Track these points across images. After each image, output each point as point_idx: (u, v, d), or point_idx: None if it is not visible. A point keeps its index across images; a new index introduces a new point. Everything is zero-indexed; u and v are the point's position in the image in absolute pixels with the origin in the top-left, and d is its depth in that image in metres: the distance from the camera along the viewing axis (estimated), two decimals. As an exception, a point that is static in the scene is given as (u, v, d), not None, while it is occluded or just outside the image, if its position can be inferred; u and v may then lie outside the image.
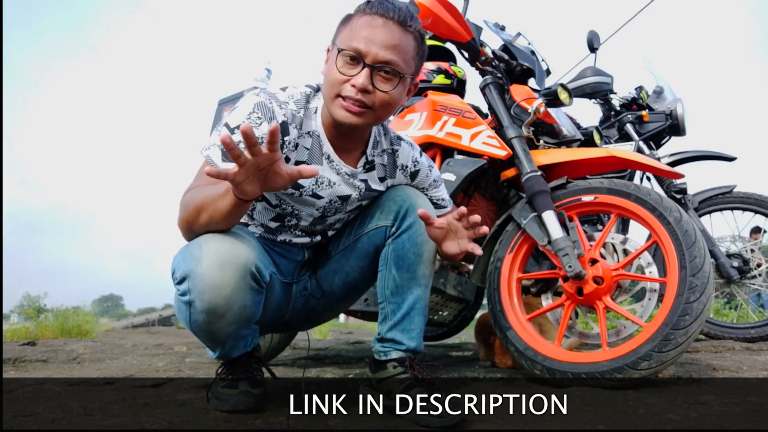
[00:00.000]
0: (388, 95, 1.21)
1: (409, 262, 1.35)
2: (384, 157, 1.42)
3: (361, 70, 1.18)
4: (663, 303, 1.43)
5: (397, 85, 1.22)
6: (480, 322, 2.17)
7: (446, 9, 1.77)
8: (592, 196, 1.65)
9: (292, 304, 1.45)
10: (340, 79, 1.19)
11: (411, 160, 1.45)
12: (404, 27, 1.21)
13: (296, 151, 1.29)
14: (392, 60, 1.19)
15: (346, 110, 1.20)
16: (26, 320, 7.63)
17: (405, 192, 1.40)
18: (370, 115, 1.22)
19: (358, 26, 1.20)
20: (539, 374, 1.56)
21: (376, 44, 1.18)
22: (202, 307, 1.13)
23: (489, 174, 1.97)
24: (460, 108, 1.99)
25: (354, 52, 1.18)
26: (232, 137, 0.98)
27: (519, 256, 1.73)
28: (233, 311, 1.15)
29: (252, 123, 1.17)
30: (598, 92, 3.12)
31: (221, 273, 1.10)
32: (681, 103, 3.10)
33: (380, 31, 1.18)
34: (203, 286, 1.11)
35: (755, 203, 2.79)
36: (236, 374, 1.30)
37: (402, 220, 1.36)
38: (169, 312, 34.22)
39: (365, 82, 1.18)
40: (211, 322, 1.15)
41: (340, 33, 1.24)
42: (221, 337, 1.22)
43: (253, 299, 1.19)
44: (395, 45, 1.19)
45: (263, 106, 1.20)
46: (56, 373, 1.97)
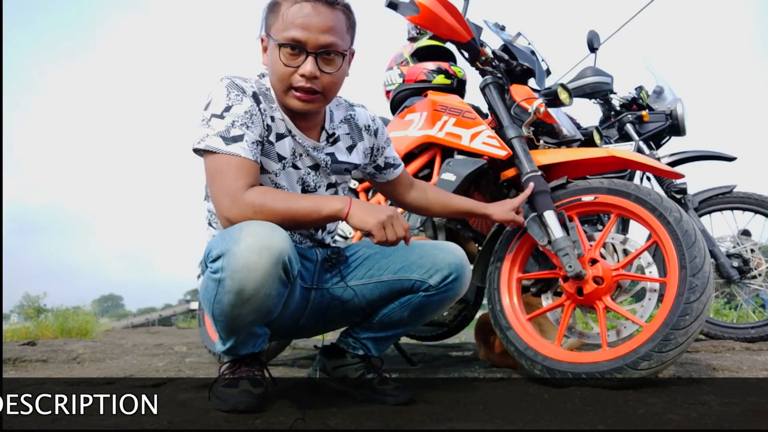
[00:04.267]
0: (334, 75, 1.28)
1: (425, 314, 1.46)
2: (344, 126, 1.47)
3: (306, 59, 1.24)
4: (663, 303, 1.43)
5: (342, 64, 1.29)
6: (480, 322, 2.17)
7: (446, 9, 1.77)
8: (592, 196, 1.65)
9: (308, 310, 1.46)
10: (287, 71, 1.25)
11: (369, 120, 1.52)
12: (332, 6, 1.25)
13: (275, 123, 1.34)
14: (331, 42, 1.25)
15: (298, 99, 1.27)
16: (26, 320, 7.63)
17: (456, 256, 1.42)
18: (321, 98, 1.30)
19: (289, 16, 1.23)
20: (539, 374, 1.56)
21: (313, 31, 1.22)
22: (232, 286, 1.15)
23: (489, 174, 1.97)
24: (460, 108, 1.99)
25: (293, 41, 1.22)
26: (226, 121, 1.21)
27: (519, 256, 1.73)
28: (258, 298, 1.17)
29: (234, 102, 1.25)
30: (598, 92, 3.11)
31: (257, 256, 1.13)
32: (681, 103, 3.09)
33: (312, 17, 1.23)
34: (237, 265, 1.13)
35: (755, 203, 2.79)
36: (238, 373, 1.30)
37: (445, 286, 1.40)
38: (169, 312, 34.18)
39: (312, 69, 1.24)
40: (235, 304, 1.17)
41: (272, 24, 1.27)
42: (238, 326, 1.24)
43: (278, 291, 1.21)
44: (330, 27, 1.24)
45: (233, 85, 1.27)
46: (56, 373, 1.97)
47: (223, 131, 1.23)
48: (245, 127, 1.25)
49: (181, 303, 40.77)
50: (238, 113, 1.25)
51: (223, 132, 1.23)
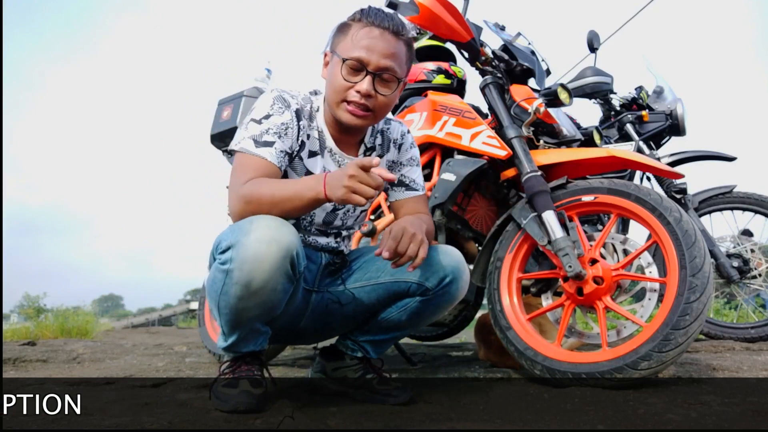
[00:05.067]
0: (387, 98, 1.36)
1: (423, 318, 1.45)
2: (378, 137, 1.53)
3: (364, 77, 1.32)
4: (663, 303, 1.43)
5: (396, 89, 1.37)
6: (480, 322, 2.17)
7: (446, 9, 1.77)
8: (592, 196, 1.65)
9: (309, 312, 1.48)
10: (345, 85, 1.33)
11: (399, 134, 1.56)
12: (398, 36, 1.35)
13: (309, 141, 1.42)
14: (390, 66, 1.33)
15: (351, 114, 1.35)
16: (26, 320, 7.63)
17: (453, 259, 1.41)
18: (371, 117, 1.38)
19: (357, 37, 1.33)
20: (539, 374, 1.56)
21: (376, 53, 1.31)
22: (240, 278, 1.17)
23: (489, 174, 1.97)
24: (460, 108, 1.99)
25: (357, 61, 1.31)
26: (262, 126, 1.32)
27: (519, 256, 1.73)
28: (265, 291, 1.19)
29: (275, 112, 1.36)
30: (598, 92, 3.11)
31: (267, 248, 1.16)
32: (681, 103, 3.09)
33: (378, 41, 1.32)
34: (246, 256, 1.16)
35: (755, 203, 2.79)
36: (238, 372, 1.31)
37: (442, 288, 1.39)
38: (169, 312, 34.18)
39: (369, 88, 1.32)
40: (242, 297, 1.19)
41: (340, 42, 1.36)
42: (242, 320, 1.25)
43: (284, 286, 1.23)
44: (392, 53, 1.33)
45: (280, 98, 1.38)
46: (56, 373, 1.97)
47: (256, 135, 1.33)
48: (278, 136, 1.34)
49: (181, 303, 40.78)
50: (275, 123, 1.35)
51: (256, 136, 1.33)
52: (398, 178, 1.54)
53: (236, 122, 2.32)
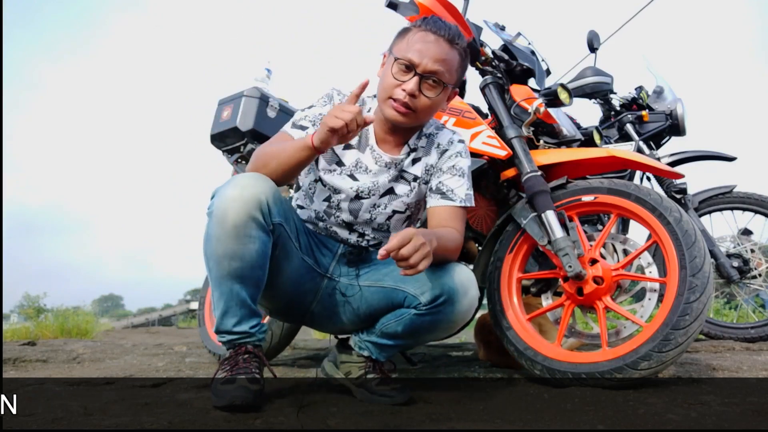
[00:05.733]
0: (431, 101, 1.41)
1: (420, 333, 1.45)
2: (423, 140, 1.56)
3: (412, 77, 1.38)
4: (663, 303, 1.43)
5: (440, 93, 1.41)
6: (480, 322, 2.17)
7: (446, 9, 1.77)
8: (592, 196, 1.65)
9: (319, 296, 1.52)
10: (393, 83, 1.40)
11: (447, 141, 1.56)
12: (452, 44, 1.41)
13: None
14: (439, 71, 1.39)
15: (394, 110, 1.41)
16: (26, 320, 7.63)
17: (454, 280, 1.37)
18: (413, 116, 1.42)
19: (413, 40, 1.40)
20: (539, 374, 1.56)
21: (427, 57, 1.38)
22: (216, 215, 1.28)
23: (489, 174, 1.97)
24: (460, 108, 1.98)
25: (408, 61, 1.38)
26: (303, 114, 1.50)
27: (519, 256, 1.73)
28: (239, 236, 1.27)
29: (318, 104, 1.52)
30: (598, 92, 3.11)
31: (240, 191, 1.29)
32: (681, 103, 3.09)
33: (432, 45, 1.38)
34: (222, 198, 1.29)
35: (755, 203, 2.79)
36: (236, 370, 1.32)
37: (435, 307, 1.37)
38: (169, 312, 34.16)
39: (414, 87, 1.38)
40: (219, 237, 1.28)
41: (397, 44, 1.44)
42: (224, 273, 1.29)
43: (258, 234, 1.30)
44: (443, 59, 1.39)
45: (328, 95, 1.54)
46: (56, 373, 1.97)
47: (296, 120, 1.51)
48: (312, 124, 1.48)
49: (181, 303, 40.77)
50: (314, 112, 1.50)
51: (296, 120, 1.51)
52: (436, 184, 1.51)
53: (236, 122, 2.32)
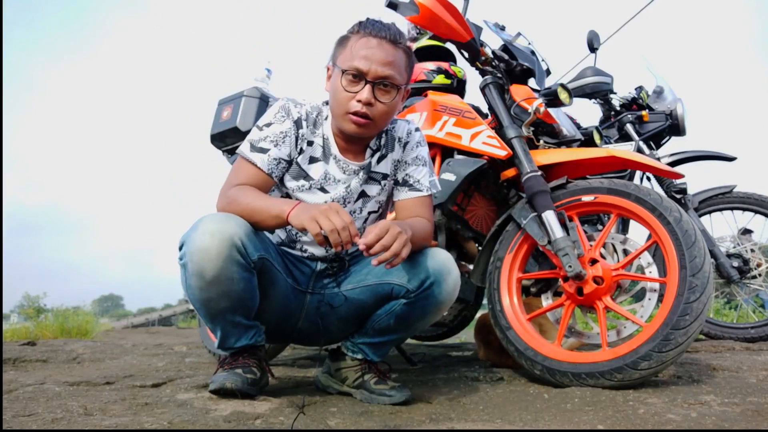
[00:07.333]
0: (387, 105, 1.38)
1: (411, 322, 1.45)
2: (383, 137, 1.54)
3: (363, 86, 1.35)
4: (663, 303, 1.43)
5: (395, 96, 1.39)
6: (480, 322, 2.17)
7: (446, 9, 1.77)
8: (592, 196, 1.65)
9: (305, 313, 1.50)
10: (346, 96, 1.37)
11: (405, 132, 1.56)
12: (396, 44, 1.37)
13: (311, 148, 1.46)
14: (389, 75, 1.36)
15: (354, 123, 1.38)
16: (26, 320, 7.63)
17: (437, 261, 1.39)
18: (373, 125, 1.40)
19: (356, 48, 1.36)
20: (539, 374, 1.56)
21: (374, 62, 1.34)
22: (193, 269, 1.24)
23: (489, 174, 1.97)
24: (460, 108, 1.98)
25: (355, 71, 1.35)
26: (262, 133, 1.41)
27: (519, 256, 1.73)
28: (221, 281, 1.25)
29: (277, 121, 1.43)
30: (598, 92, 3.11)
31: (210, 238, 1.23)
32: (681, 103, 3.09)
33: (376, 50, 1.35)
34: (193, 248, 1.24)
35: (755, 203, 2.79)
36: (234, 365, 1.36)
37: (423, 291, 1.39)
38: (169, 312, 34.19)
39: (368, 96, 1.35)
40: (201, 287, 1.26)
41: (339, 54, 1.39)
42: (213, 312, 1.30)
43: (241, 275, 1.27)
44: (390, 61, 1.36)
45: (285, 107, 1.45)
46: (56, 373, 1.97)
47: (255, 140, 1.42)
48: (273, 144, 1.41)
49: (181, 303, 40.72)
50: (274, 131, 1.42)
51: (254, 141, 1.42)
52: (402, 177, 1.53)
53: (236, 122, 2.32)
